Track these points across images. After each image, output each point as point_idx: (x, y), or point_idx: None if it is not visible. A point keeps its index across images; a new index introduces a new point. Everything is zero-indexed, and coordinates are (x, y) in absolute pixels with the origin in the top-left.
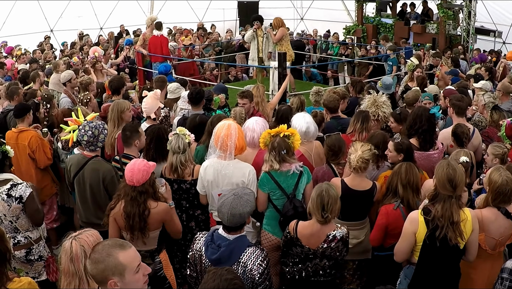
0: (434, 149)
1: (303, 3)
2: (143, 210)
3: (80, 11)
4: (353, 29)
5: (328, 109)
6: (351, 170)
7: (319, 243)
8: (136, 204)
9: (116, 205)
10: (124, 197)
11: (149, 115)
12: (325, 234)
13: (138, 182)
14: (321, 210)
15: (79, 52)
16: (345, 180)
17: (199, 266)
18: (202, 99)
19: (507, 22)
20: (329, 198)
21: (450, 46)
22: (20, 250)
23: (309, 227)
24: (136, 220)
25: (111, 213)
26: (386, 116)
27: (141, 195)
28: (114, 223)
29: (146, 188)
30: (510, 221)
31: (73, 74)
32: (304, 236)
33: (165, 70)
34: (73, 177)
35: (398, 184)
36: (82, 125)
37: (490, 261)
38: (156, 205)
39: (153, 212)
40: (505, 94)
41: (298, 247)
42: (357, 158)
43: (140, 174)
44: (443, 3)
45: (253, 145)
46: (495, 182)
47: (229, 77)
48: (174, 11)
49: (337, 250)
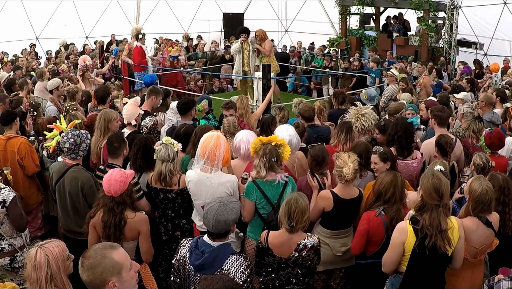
0: (413, 158)
1: (287, 15)
2: (119, 220)
3: (66, 20)
4: (337, 41)
5: (304, 118)
6: (343, 182)
7: (290, 252)
8: (113, 214)
9: (95, 214)
10: (102, 207)
11: (129, 122)
12: (296, 243)
13: (115, 192)
14: (288, 218)
15: (65, 61)
16: (335, 191)
17: (182, 271)
18: (191, 109)
19: (489, 34)
20: (296, 207)
21: (432, 58)
22: (4, 257)
23: (279, 236)
24: (112, 230)
25: (91, 222)
26: (365, 128)
27: (118, 205)
28: (93, 231)
29: (123, 198)
30: (491, 230)
31: (60, 82)
32: (275, 246)
33: (150, 81)
34: (55, 184)
35: (397, 195)
36: (66, 132)
37: (471, 269)
38: (133, 215)
39: (129, 222)
40: (487, 105)
41: (270, 257)
42: (351, 170)
43: (117, 185)
44: (425, 15)
45: (246, 157)
46: (475, 191)
47: (213, 88)
48: (160, 22)
49: (308, 258)
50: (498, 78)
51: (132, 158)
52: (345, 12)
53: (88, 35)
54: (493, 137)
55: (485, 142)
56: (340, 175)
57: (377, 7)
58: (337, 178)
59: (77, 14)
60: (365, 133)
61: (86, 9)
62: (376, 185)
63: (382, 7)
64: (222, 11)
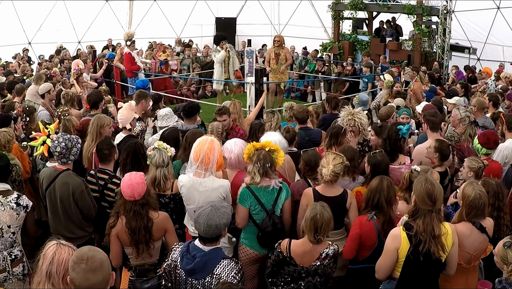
0: (400, 163)
1: (280, 19)
2: (147, 221)
3: (58, 25)
4: (330, 46)
5: (297, 120)
6: (322, 181)
7: (312, 261)
8: (140, 218)
9: (116, 222)
10: (125, 213)
11: (124, 126)
12: (319, 252)
13: (139, 195)
14: (314, 232)
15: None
16: (317, 188)
17: (174, 276)
18: (195, 113)
19: (482, 39)
20: (322, 222)
21: (425, 63)
22: (18, 265)
23: (301, 245)
24: (142, 233)
25: (112, 232)
26: (363, 124)
27: (143, 207)
28: (116, 240)
29: (146, 199)
30: (485, 236)
31: (51, 86)
32: (297, 255)
33: (142, 85)
34: (45, 189)
35: (382, 201)
36: (57, 136)
37: (465, 275)
38: (157, 215)
39: (156, 222)
40: (480, 110)
41: (291, 266)
42: (329, 171)
43: (139, 187)
44: (418, 20)
45: (230, 166)
46: (468, 196)
47: (206, 93)
48: (152, 26)
49: (328, 267)
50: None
51: (121, 163)
52: (338, 16)
53: (80, 40)
54: (488, 133)
55: (480, 140)
56: (320, 174)
57: (370, 12)
58: (319, 175)
59: (70, 19)
60: (359, 133)
61: (79, 14)
62: (366, 191)
63: (375, 11)
64: (215, 16)
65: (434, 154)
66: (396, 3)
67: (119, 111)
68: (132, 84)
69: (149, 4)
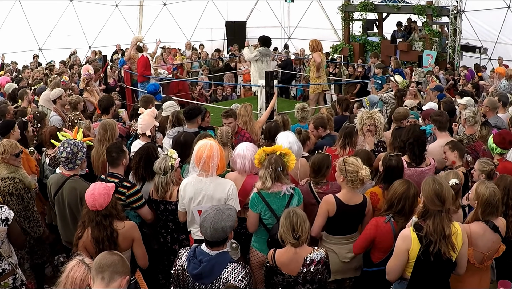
0: (427, 165)
1: (290, 22)
2: (111, 232)
3: (69, 30)
4: (340, 47)
5: (322, 128)
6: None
7: (298, 268)
8: (103, 228)
9: (83, 233)
10: (89, 223)
11: (144, 132)
12: (302, 257)
13: (100, 205)
14: (292, 231)
15: (69, 71)
16: (338, 196)
17: (181, 281)
18: (197, 116)
19: (492, 39)
20: (297, 218)
21: (436, 63)
22: (7, 278)
23: (285, 253)
24: (106, 244)
25: (80, 243)
26: (382, 124)
27: (105, 218)
28: (84, 251)
29: (109, 210)
30: (498, 235)
31: (63, 91)
32: (282, 264)
33: (154, 90)
34: (54, 195)
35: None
36: (62, 142)
37: (478, 275)
38: (123, 225)
39: (121, 232)
40: (491, 110)
41: (279, 275)
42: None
43: (101, 198)
44: (428, 20)
45: (242, 171)
46: (482, 194)
47: (217, 96)
48: (163, 31)
49: (317, 273)
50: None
51: (134, 167)
52: (348, 18)
53: (91, 45)
54: (503, 133)
55: (495, 140)
56: (354, 179)
57: (380, 13)
58: (350, 183)
59: (80, 25)
60: (375, 132)
61: (89, 19)
62: (389, 194)
63: (385, 12)
64: (225, 19)
65: (452, 152)
66: (406, 4)
67: (140, 116)
68: (143, 89)
69: (159, 9)
